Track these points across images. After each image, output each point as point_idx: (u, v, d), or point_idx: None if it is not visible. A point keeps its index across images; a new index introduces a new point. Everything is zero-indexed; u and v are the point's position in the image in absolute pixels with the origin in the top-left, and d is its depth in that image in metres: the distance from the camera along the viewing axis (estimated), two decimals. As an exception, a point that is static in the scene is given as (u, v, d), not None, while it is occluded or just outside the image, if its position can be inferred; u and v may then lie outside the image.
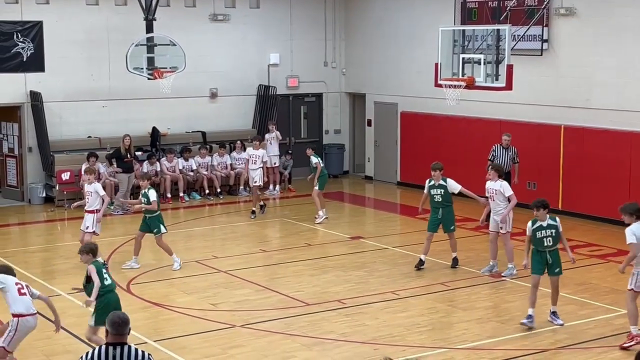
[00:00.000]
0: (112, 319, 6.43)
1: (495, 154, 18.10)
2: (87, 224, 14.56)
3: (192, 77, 21.12)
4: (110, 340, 6.39)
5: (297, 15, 23.75)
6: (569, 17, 18.46)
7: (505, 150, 18.06)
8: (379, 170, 23.84)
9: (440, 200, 14.39)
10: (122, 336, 6.39)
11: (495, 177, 13.99)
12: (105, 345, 6.39)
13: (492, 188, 13.96)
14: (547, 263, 11.53)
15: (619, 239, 16.47)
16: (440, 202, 14.39)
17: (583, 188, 18.38)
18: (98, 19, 21.02)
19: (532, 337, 11.13)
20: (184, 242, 16.68)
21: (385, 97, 23.28)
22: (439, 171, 14.39)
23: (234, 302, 12.76)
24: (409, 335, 11.22)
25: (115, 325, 6.40)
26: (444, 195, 14.37)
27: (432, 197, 14.49)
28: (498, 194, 13.85)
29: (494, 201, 13.93)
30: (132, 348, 6.40)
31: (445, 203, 14.41)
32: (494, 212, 13.99)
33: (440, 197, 14.38)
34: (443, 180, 14.39)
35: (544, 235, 11.47)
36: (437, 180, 14.38)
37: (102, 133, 21.03)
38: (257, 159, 18.95)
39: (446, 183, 14.37)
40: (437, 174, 14.37)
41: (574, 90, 18.48)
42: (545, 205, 11.56)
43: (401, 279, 13.91)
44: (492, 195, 13.92)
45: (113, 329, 6.39)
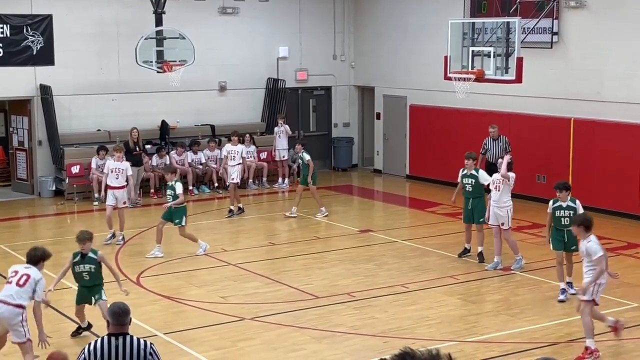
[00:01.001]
0: (113, 309, 6.50)
1: (487, 146, 18.37)
2: (124, 200, 15.88)
3: (201, 70, 21.12)
4: (112, 330, 6.45)
5: (306, 8, 23.72)
6: (579, 9, 18.38)
7: (496, 142, 18.43)
8: (387, 164, 23.81)
9: (471, 190, 14.34)
10: (123, 326, 6.44)
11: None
12: (108, 336, 6.43)
13: (499, 179, 13.85)
14: (564, 241, 12.30)
15: (629, 232, 16.50)
16: (471, 192, 14.34)
17: (593, 181, 18.32)
18: (107, 12, 21.04)
19: (542, 330, 11.11)
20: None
21: (395, 90, 23.23)
22: (472, 160, 14.41)
23: (243, 295, 12.78)
24: (418, 328, 11.22)
25: (115, 315, 6.46)
26: (474, 185, 14.31)
27: (463, 187, 14.49)
28: (503, 182, 13.76)
29: (499, 191, 13.78)
30: (134, 338, 6.46)
31: (476, 194, 14.36)
32: (495, 204, 13.79)
33: (471, 187, 14.33)
34: (475, 170, 14.38)
35: (562, 215, 12.33)
36: (470, 169, 14.35)
37: (112, 126, 21.06)
38: (235, 155, 18.68)
39: (477, 174, 14.33)
40: (469, 162, 14.38)
41: (584, 83, 18.40)
42: (567, 188, 12.51)
43: (410, 272, 13.90)
44: (497, 185, 13.83)
45: (114, 319, 6.45)
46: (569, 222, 12.00)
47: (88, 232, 11.00)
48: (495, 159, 18.22)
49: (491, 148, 18.42)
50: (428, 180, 21.61)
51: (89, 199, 19.89)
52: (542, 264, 14.26)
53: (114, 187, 15.84)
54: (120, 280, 11.32)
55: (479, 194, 14.40)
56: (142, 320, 11.42)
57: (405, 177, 22.97)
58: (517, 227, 16.79)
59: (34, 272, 9.42)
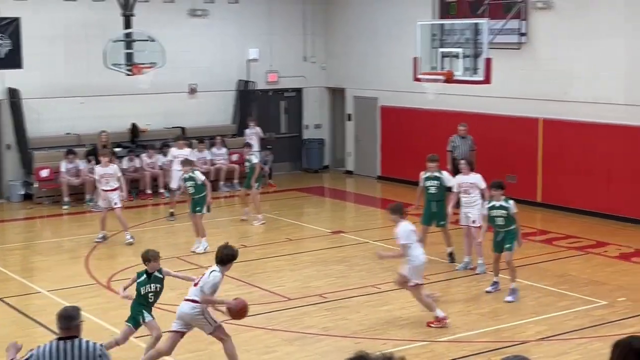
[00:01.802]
0: (60, 313, 6.54)
1: (454, 144, 18.61)
2: (115, 201, 16.02)
3: (171, 72, 21.01)
4: (61, 334, 6.47)
5: (276, 10, 23.72)
6: (546, 10, 18.55)
7: (464, 140, 18.72)
8: (359, 165, 23.88)
9: (436, 192, 14.29)
10: (70, 330, 6.45)
11: (467, 171, 14.04)
12: (57, 340, 6.47)
13: (466, 182, 13.92)
14: (497, 240, 12.51)
15: (597, 230, 16.68)
16: (435, 195, 14.30)
17: (562, 180, 18.50)
18: (75, 14, 20.90)
19: (512, 329, 11.20)
20: (164, 238, 16.63)
21: (365, 91, 23.31)
22: (435, 163, 14.35)
23: (215, 297, 12.73)
24: (390, 329, 11.26)
25: (61, 319, 6.51)
26: (439, 187, 14.29)
27: (426, 190, 14.37)
28: (473, 187, 13.86)
29: (469, 194, 13.86)
30: (83, 341, 6.47)
31: (439, 197, 14.34)
32: (467, 206, 13.90)
33: (436, 189, 14.29)
34: (438, 172, 14.34)
35: (496, 214, 12.37)
36: (432, 172, 14.32)
37: (81, 129, 20.92)
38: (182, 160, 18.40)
39: (442, 175, 14.32)
40: (432, 165, 14.31)
41: (552, 84, 18.58)
42: (500, 186, 12.48)
43: (382, 272, 13.93)
44: (466, 189, 13.88)
45: (60, 322, 6.49)
46: (504, 222, 12.27)
47: (154, 251, 10.24)
48: (462, 157, 18.48)
49: (459, 145, 18.73)
50: (399, 181, 21.68)
51: (58, 203, 19.74)
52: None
53: (107, 190, 16.12)
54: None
55: (442, 196, 14.39)
56: (112, 324, 11.35)
57: (377, 178, 23.05)
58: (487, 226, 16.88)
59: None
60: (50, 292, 12.92)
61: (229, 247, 9.54)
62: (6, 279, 13.78)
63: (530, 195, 19.06)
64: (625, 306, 12.05)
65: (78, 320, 6.52)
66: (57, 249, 16.07)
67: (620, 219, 17.32)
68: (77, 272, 14.19)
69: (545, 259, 14.77)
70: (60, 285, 13.37)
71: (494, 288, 12.77)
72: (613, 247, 15.50)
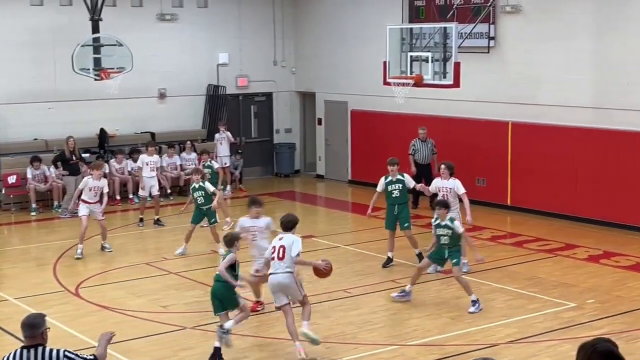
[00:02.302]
0: (22, 322, 6.51)
1: (415, 147, 18.85)
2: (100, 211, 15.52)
3: (140, 77, 20.89)
4: (25, 343, 6.44)
5: (245, 14, 23.66)
6: (514, 14, 18.67)
7: (424, 143, 19.10)
8: (330, 169, 23.87)
9: (399, 195, 14.27)
10: (34, 338, 6.42)
11: (447, 176, 13.93)
12: (21, 348, 6.45)
13: (444, 186, 13.87)
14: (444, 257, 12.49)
15: (566, 233, 16.80)
16: (398, 198, 14.28)
17: (531, 183, 18.61)
18: (42, 19, 20.71)
19: (482, 332, 11.23)
20: (133, 244, 16.51)
21: (335, 95, 23.32)
22: (396, 166, 14.32)
23: (184, 304, 12.66)
24: (361, 333, 11.24)
25: (23, 328, 6.50)
26: (402, 190, 14.29)
27: (389, 194, 14.33)
28: (452, 192, 13.78)
29: (447, 198, 13.75)
30: (47, 349, 6.45)
31: (402, 199, 14.34)
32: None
33: (399, 192, 14.27)
34: (400, 175, 14.32)
35: (441, 233, 12.27)
36: (394, 175, 14.29)
37: (49, 135, 20.72)
38: (154, 166, 18.32)
39: (404, 178, 14.31)
40: (393, 168, 14.27)
41: (521, 87, 18.69)
42: (445, 206, 12.42)
43: (353, 277, 13.92)
44: (445, 194, 13.78)
45: (24, 331, 6.50)
46: (448, 240, 12.21)
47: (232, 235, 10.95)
48: (423, 161, 18.77)
49: (419, 149, 18.99)
50: (370, 184, 21.61)
51: (26, 210, 19.53)
52: (482, 266, 14.42)
53: (91, 202, 15.54)
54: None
55: (405, 199, 14.39)
56: (80, 332, 11.25)
57: (348, 182, 23.05)
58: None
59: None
60: (17, 300, 12.77)
61: (290, 215, 10.77)
62: (-28, 287, 13.59)
63: (500, 198, 19.16)
64: (594, 308, 12.13)
65: (43, 328, 6.48)
66: (25, 256, 15.89)
67: (588, 221, 17.46)
68: (45, 279, 14.04)
69: (515, 261, 14.84)
70: (27, 292, 13.22)
71: (400, 296, 12.54)
72: (582, 249, 15.61)
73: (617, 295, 12.74)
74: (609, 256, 15.08)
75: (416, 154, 19.08)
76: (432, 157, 19.02)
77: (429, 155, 19.03)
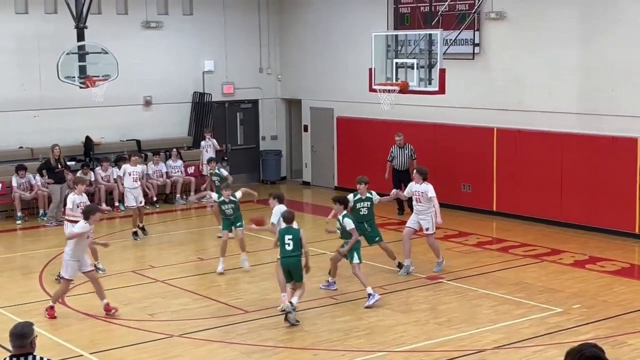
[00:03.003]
0: (11, 332, 6.49)
1: (393, 154, 19.06)
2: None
3: (125, 85, 20.84)
4: (13, 352, 6.44)
5: (231, 21, 23.66)
6: (499, 21, 18.76)
7: (402, 149, 19.27)
8: (316, 176, 23.89)
9: (367, 213, 14.21)
10: (22, 347, 6.42)
11: (420, 180, 14.33)
12: (10, 357, 6.43)
13: (417, 190, 14.30)
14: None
15: (552, 239, 16.87)
16: (366, 215, 14.20)
17: (516, 189, 18.68)
18: (28, 27, 20.65)
19: (469, 337, 11.25)
20: (120, 252, 16.45)
21: (321, 102, 23.35)
22: (365, 184, 14.21)
23: (171, 311, 12.64)
24: (348, 339, 11.24)
25: (12, 338, 6.47)
26: (370, 208, 14.23)
27: (357, 212, 14.14)
28: (424, 195, 14.21)
29: (420, 203, 14.30)
30: (37, 357, 6.43)
31: (370, 217, 14.26)
32: (418, 213, 14.40)
33: (367, 210, 14.21)
34: (369, 193, 14.24)
35: (337, 227, 13.23)
36: (363, 194, 14.20)
37: (34, 143, 20.64)
38: (137, 177, 17.65)
39: (372, 195, 14.24)
40: (362, 187, 14.18)
41: (506, 93, 18.78)
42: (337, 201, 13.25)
43: (339, 283, 13.90)
44: (418, 198, 14.30)
45: (11, 341, 6.47)
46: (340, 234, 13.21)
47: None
48: (401, 167, 18.90)
49: (397, 156, 19.10)
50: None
51: (11, 218, 19.46)
52: (468, 272, 14.48)
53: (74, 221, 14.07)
54: None
55: (372, 216, 14.32)
56: (67, 340, 11.21)
57: (334, 189, 23.05)
58: (444, 235, 17.01)
59: None
60: (3, 309, 12.70)
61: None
62: (-43, 297, 13.52)
63: (485, 204, 19.23)
64: (580, 313, 12.18)
65: (32, 337, 6.46)
66: (10, 265, 15.82)
67: (574, 226, 17.53)
68: (30, 288, 13.99)
69: (501, 267, 14.89)
70: (13, 301, 13.17)
71: (325, 287, 13.59)
72: (567, 254, 15.67)
73: (603, 300, 12.80)
74: (595, 261, 15.15)
75: (394, 160, 19.20)
76: (411, 162, 19.06)
77: (407, 161, 19.12)
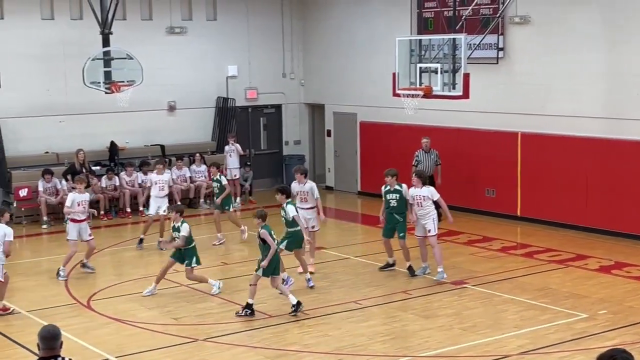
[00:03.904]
0: (42, 334, 6.46)
1: (418, 159, 18.92)
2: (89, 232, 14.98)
3: (150, 90, 20.98)
4: (43, 354, 6.42)
5: (254, 26, 23.75)
6: (523, 25, 18.69)
7: (427, 154, 19.12)
8: (339, 180, 23.90)
9: (396, 205, 14.44)
10: (53, 350, 6.42)
11: (419, 184, 14.26)
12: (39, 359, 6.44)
13: (418, 195, 14.20)
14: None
15: (577, 244, 16.77)
16: (396, 207, 14.44)
17: (541, 194, 18.59)
18: (54, 33, 20.84)
19: (494, 343, 11.20)
20: (144, 257, 16.54)
21: (344, 107, 23.36)
22: (391, 177, 14.48)
23: (196, 315, 12.69)
24: (372, 344, 11.24)
25: (44, 340, 6.45)
26: (399, 200, 14.42)
27: (387, 203, 14.54)
28: (426, 199, 14.15)
29: (422, 207, 14.18)
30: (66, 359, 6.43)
31: (400, 209, 14.47)
32: (420, 218, 14.25)
33: (396, 202, 14.44)
34: (398, 185, 14.49)
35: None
36: (392, 185, 14.46)
37: (60, 148, 20.82)
38: (164, 185, 17.36)
39: (401, 188, 14.46)
40: (389, 179, 14.48)
41: (530, 98, 18.70)
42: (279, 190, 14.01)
43: (363, 288, 13.93)
44: (419, 202, 14.19)
45: (43, 343, 6.45)
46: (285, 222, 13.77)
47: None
48: (426, 171, 18.73)
49: (423, 160, 19.03)
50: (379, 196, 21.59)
51: (37, 222, 19.62)
52: (493, 277, 14.43)
53: (80, 220, 14.89)
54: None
55: (403, 209, 14.49)
56: (93, 344, 11.28)
57: (357, 194, 23.07)
58: (468, 240, 16.99)
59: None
60: (29, 313, 12.80)
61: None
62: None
63: (509, 209, 19.14)
64: (606, 319, 12.09)
65: (61, 339, 6.48)
66: (36, 269, 15.94)
67: (599, 231, 17.42)
68: (56, 292, 14.09)
69: (525, 272, 14.82)
70: (39, 305, 13.26)
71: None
72: (593, 259, 15.57)
73: (629, 306, 12.70)
74: (621, 267, 15.04)
75: (419, 165, 19.07)
76: (435, 168, 19.00)
77: (432, 166, 19.02)
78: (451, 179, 19.40)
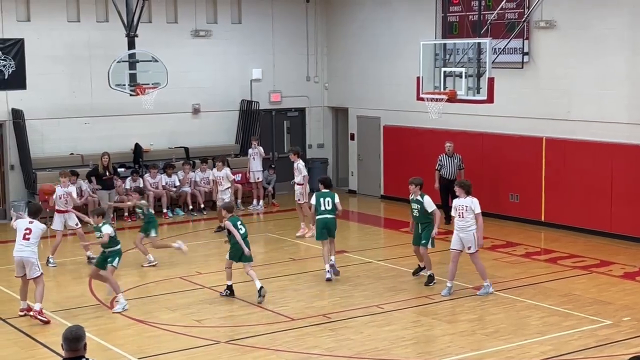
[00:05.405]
0: (65, 335, 6.49)
1: (441, 163, 18.89)
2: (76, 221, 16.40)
3: (174, 92, 21.09)
4: (66, 355, 6.44)
5: (278, 30, 23.80)
6: (549, 29, 18.60)
7: (451, 159, 19.09)
8: (362, 184, 23.87)
9: (417, 215, 14.24)
10: (77, 351, 6.46)
11: (463, 194, 13.52)
12: None
13: (462, 205, 13.46)
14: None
15: (602, 250, 16.64)
16: (418, 217, 14.25)
17: (565, 199, 18.47)
18: (79, 35, 21.00)
19: (517, 349, 11.14)
20: (167, 258, 16.60)
21: (368, 110, 23.34)
22: (414, 186, 14.22)
23: (218, 318, 12.72)
24: (394, 349, 11.21)
25: (67, 341, 6.48)
26: (420, 210, 14.19)
27: (412, 211, 14.40)
28: (468, 210, 13.41)
29: (463, 218, 13.43)
30: None
31: (423, 220, 14.19)
32: (460, 230, 13.50)
33: (417, 212, 14.23)
34: (420, 196, 14.20)
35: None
36: (415, 195, 14.25)
37: (85, 150, 20.96)
38: (222, 180, 18.95)
39: (422, 199, 14.15)
40: (412, 188, 14.24)
41: (554, 102, 18.60)
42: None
43: (385, 292, 13.90)
44: (461, 212, 13.46)
45: (66, 345, 6.47)
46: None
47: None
48: (449, 176, 18.65)
49: (446, 165, 18.92)
50: (403, 200, 21.58)
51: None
52: (516, 282, 14.35)
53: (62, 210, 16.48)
54: None
55: (425, 220, 14.17)
56: (115, 345, 11.33)
57: (380, 198, 23.03)
58: (492, 246, 16.91)
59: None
60: (53, 313, 12.88)
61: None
62: (9, 300, 13.76)
63: (533, 214, 19.04)
64: (631, 326, 11.99)
65: (85, 340, 6.51)
66: (60, 269, 16.05)
67: (624, 237, 17.28)
68: (80, 293, 14.17)
69: (549, 278, 14.73)
70: (63, 306, 13.35)
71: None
72: (617, 266, 15.45)
73: (653, 313, 12.60)
74: (645, 273, 14.92)
75: (442, 169, 19.04)
76: (458, 173, 18.94)
77: (455, 171, 18.96)
78: (475, 183, 19.05)
